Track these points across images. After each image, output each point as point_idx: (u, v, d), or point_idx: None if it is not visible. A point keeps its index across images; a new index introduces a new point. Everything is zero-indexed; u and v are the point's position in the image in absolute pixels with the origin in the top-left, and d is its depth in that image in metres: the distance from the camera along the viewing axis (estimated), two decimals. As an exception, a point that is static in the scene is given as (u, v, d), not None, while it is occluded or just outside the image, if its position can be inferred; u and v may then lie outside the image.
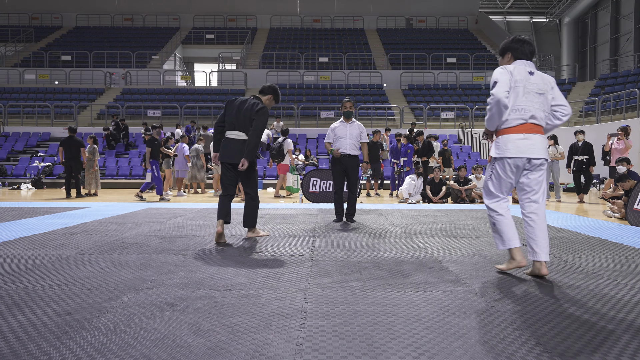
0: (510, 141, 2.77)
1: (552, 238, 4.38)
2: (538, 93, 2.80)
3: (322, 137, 17.05)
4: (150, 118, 19.08)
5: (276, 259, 3.35)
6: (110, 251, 3.63)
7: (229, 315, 2.11)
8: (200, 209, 6.96)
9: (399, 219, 5.87)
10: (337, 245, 3.97)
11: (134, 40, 27.98)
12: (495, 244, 2.92)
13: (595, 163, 9.49)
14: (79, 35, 28.56)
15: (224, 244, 3.94)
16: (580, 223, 5.60)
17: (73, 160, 10.03)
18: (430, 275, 2.89)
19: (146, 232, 4.64)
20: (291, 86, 22.96)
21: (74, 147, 10.05)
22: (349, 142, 5.44)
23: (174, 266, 3.10)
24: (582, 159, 9.42)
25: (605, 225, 5.39)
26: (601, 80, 20.11)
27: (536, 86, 2.80)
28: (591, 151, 9.41)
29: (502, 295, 2.46)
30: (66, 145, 10.02)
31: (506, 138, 2.78)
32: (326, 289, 2.55)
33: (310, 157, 14.68)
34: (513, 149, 2.76)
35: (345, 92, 22.00)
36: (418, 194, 9.32)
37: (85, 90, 22.20)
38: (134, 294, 2.45)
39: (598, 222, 5.76)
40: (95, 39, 27.92)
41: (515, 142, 2.76)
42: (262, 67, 24.74)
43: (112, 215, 6.09)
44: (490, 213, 2.91)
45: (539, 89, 2.80)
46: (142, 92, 21.95)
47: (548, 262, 3.15)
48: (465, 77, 23.26)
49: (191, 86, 24.59)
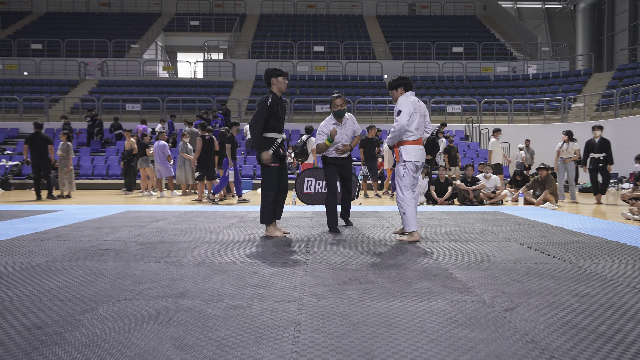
0: (414, 150, 4.45)
1: (567, 242, 4.40)
2: (422, 115, 4.52)
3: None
4: (129, 112, 19.01)
5: (267, 267, 3.35)
6: (85, 258, 3.60)
7: (215, 328, 2.10)
8: (184, 212, 6.95)
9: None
10: (333, 251, 3.97)
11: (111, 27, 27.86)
12: (408, 225, 4.43)
13: (613, 161, 9.54)
14: (51, 21, 28.39)
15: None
16: (598, 226, 5.64)
17: (40, 159, 9.88)
18: (435, 283, 2.89)
19: (124, 237, 4.62)
20: (283, 77, 22.92)
21: (41, 145, 9.87)
22: (342, 145, 5.20)
23: (155, 275, 3.09)
24: (599, 156, 9.47)
25: (625, 229, 5.42)
26: (619, 71, 20.25)
27: (422, 110, 4.53)
28: (609, 148, 9.45)
29: (514, 304, 2.46)
30: (32, 142, 9.84)
31: (410, 147, 4.45)
32: (322, 299, 2.55)
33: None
34: (415, 155, 4.45)
35: (342, 84, 22.03)
36: (422, 195, 9.34)
37: (58, 82, 22.06)
38: (111, 305, 2.43)
39: (617, 224, 5.80)
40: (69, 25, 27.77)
41: (416, 151, 4.46)
42: (251, 56, 24.71)
43: (87, 219, 6.06)
44: (403, 202, 4.45)
45: (423, 112, 4.53)
46: (120, 84, 21.86)
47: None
48: (473, 67, 23.35)
49: (174, 77, 24.53)
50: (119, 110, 19.02)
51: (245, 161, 14.95)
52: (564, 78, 21.44)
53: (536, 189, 9.31)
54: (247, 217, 6.37)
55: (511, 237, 4.71)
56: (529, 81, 21.99)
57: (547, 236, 4.80)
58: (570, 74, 21.67)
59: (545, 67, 23.48)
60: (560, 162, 10.00)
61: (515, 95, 20.65)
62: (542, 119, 18.21)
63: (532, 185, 9.40)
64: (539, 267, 3.35)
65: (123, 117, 18.35)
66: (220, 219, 6.11)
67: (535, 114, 19.06)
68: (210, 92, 21.20)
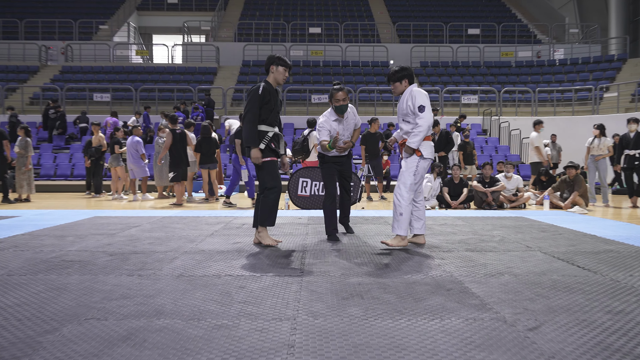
0: (430, 147, 4.62)
1: (599, 251, 4.42)
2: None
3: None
4: (97, 103, 18.98)
5: (256, 280, 3.34)
6: (47, 271, 3.59)
7: (196, 351, 2.10)
8: (161, 218, 6.94)
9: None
10: (332, 262, 3.97)
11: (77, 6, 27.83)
12: (402, 228, 4.51)
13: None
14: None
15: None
16: (634, 233, 5.66)
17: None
18: (449, 299, 2.90)
19: (92, 247, 4.61)
20: (274, 63, 22.91)
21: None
22: (343, 141, 5.22)
23: (127, 290, 3.08)
24: (635, 153, 9.51)
25: (664, 236, 5.45)
26: (658, 57, 20.36)
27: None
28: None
29: (538, 323, 2.47)
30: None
31: (427, 144, 4.59)
32: (319, 318, 2.54)
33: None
34: (431, 153, 4.64)
35: (342, 71, 22.07)
36: (434, 198, 9.36)
37: (15, 69, 22.00)
38: (76, 325, 2.42)
39: (655, 231, 5.83)
40: (28, 4, 27.70)
41: (431, 148, 4.66)
42: (237, 39, 24.72)
43: (49, 226, 6.05)
44: (404, 201, 4.51)
45: None
46: (87, 71, 21.83)
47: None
48: (491, 52, 23.44)
49: (149, 64, 24.50)
50: (86, 101, 18.98)
51: (230, 160, 14.93)
52: (594, 64, 21.55)
53: (564, 190, 9.34)
54: (232, 223, 6.36)
55: (535, 246, 4.72)
56: (555, 68, 22.09)
57: (576, 245, 4.81)
58: (602, 60, 21.78)
59: (574, 52, 23.58)
60: (591, 160, 10.04)
61: (539, 83, 20.74)
62: (570, 111, 18.30)
63: (559, 187, 9.43)
64: (567, 280, 3.36)
65: (90, 108, 18.33)
66: (203, 225, 6.10)
67: (563, 105, 19.14)
68: (191, 80, 21.20)
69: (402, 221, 4.52)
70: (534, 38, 25.59)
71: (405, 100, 4.58)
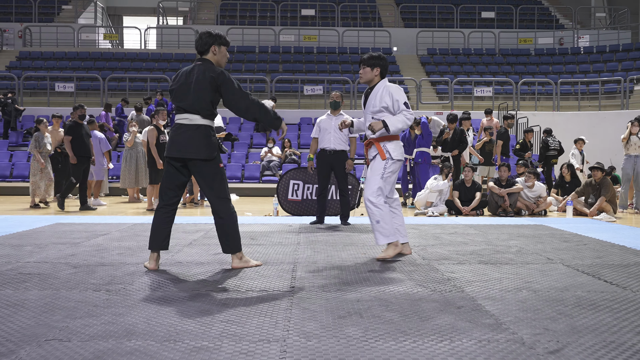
0: (400, 147, 4.73)
1: (628, 264, 4.44)
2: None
3: (306, 122, 17.07)
4: (59, 94, 18.88)
5: (241, 296, 3.34)
6: (1, 286, 3.58)
7: (173, 377, 2.09)
8: (132, 225, 6.92)
9: (415, 238, 5.90)
10: (327, 275, 3.97)
11: (36, -17, 27.67)
12: (386, 235, 4.54)
13: None
14: (-44, -26, 28.17)
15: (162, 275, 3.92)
16: (668, 243, 5.69)
17: None
18: (459, 317, 2.91)
19: (53, 258, 4.59)
20: (262, 50, 22.93)
21: None
22: (334, 136, 6.51)
23: (93, 307, 3.07)
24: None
25: (702, 247, 5.48)
26: (695, 44, 20.53)
27: None
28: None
29: (560, 345, 2.48)
30: None
31: (399, 144, 4.71)
32: (312, 339, 2.55)
33: (290, 150, 14.67)
34: (401, 154, 4.74)
35: (338, 59, 22.10)
36: (442, 204, 9.37)
37: (-35, 54, 21.88)
38: (35, 347, 2.41)
39: (692, 242, 5.86)
40: (-20, -20, 27.54)
41: (401, 148, 4.76)
42: (220, 22, 24.70)
43: (3, 234, 6.02)
44: (377, 207, 4.54)
45: None
46: (48, 57, 21.73)
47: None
48: (508, 38, 23.52)
49: (119, 49, 24.43)
50: (46, 92, 18.88)
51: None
52: (624, 53, 21.68)
53: (589, 195, 9.37)
54: (213, 232, 6.33)
55: (557, 258, 4.74)
56: (580, 56, 22.21)
57: (603, 257, 4.83)
58: (632, 48, 21.91)
59: (601, 39, 23.73)
60: (628, 160, 9.81)
61: (562, 74, 20.84)
62: (597, 105, 18.38)
63: (584, 191, 9.46)
64: (593, 297, 3.38)
65: (51, 100, 18.22)
66: (179, 234, 6.09)
67: (588, 99, 19.23)
68: (167, 67, 21.15)
69: (382, 229, 4.54)
70: (555, 23, 25.73)
71: (380, 96, 4.59)
